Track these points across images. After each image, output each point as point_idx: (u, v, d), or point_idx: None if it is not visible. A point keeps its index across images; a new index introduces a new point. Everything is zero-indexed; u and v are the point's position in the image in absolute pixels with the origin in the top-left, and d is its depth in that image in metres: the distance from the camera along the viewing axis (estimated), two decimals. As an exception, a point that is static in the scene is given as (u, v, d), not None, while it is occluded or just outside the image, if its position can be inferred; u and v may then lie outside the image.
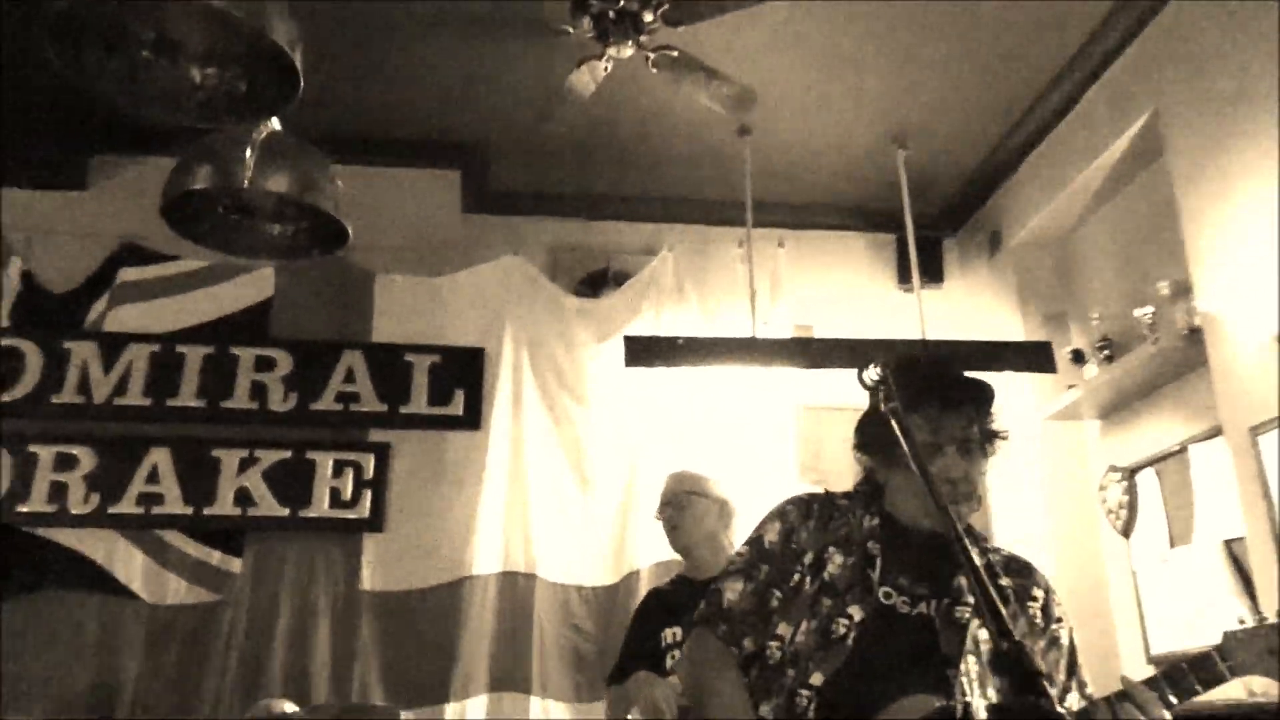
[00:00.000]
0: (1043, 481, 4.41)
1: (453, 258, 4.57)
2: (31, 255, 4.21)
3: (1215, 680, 1.54)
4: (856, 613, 1.73)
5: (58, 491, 3.93)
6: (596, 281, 4.77)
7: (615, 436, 4.34)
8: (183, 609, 3.88)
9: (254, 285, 4.34)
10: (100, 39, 2.10)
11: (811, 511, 1.90)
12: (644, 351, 4.26)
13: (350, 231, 2.73)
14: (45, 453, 3.98)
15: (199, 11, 2.16)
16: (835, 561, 1.80)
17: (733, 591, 1.86)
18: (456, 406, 4.31)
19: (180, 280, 4.28)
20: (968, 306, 4.97)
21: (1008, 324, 4.67)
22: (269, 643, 3.86)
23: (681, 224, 4.97)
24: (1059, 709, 1.13)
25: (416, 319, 4.43)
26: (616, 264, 4.81)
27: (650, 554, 4.05)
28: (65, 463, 3.98)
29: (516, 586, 4.06)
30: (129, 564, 3.89)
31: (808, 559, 1.82)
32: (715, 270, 4.83)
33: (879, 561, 1.79)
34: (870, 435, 1.90)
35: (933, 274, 4.93)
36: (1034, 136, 4.44)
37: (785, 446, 4.40)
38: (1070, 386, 4.19)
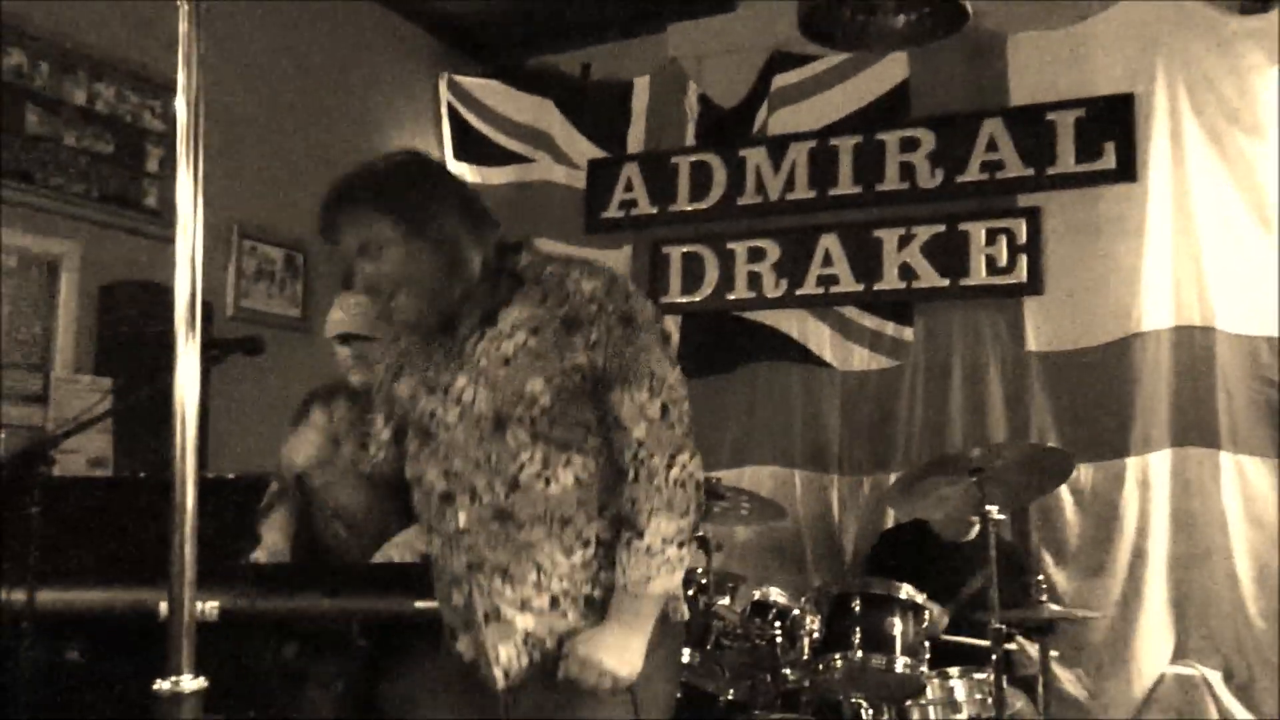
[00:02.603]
0: None
1: (1088, 1, 4.28)
2: (703, 78, 4.85)
3: None
4: None
5: (754, 280, 4.65)
6: (1267, -9, 4.13)
7: (1303, 168, 3.87)
8: (868, 374, 4.44)
9: (890, 69, 4.52)
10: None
11: None
12: (1339, 64, 3.69)
13: (970, 10, 2.76)
14: (740, 248, 4.69)
15: None
16: None
17: None
18: (1108, 160, 4.15)
19: (824, 78, 4.62)
20: None
21: None
22: (946, 401, 4.28)
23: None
24: None
25: (1055, 74, 4.27)
26: (1295, -37, 4.10)
27: (1361, 296, 3.66)
28: (756, 255, 4.66)
29: (1193, 340, 3.93)
30: (819, 337, 4.53)
31: None
32: None
33: None
34: None
35: None
36: None
37: None
38: None
